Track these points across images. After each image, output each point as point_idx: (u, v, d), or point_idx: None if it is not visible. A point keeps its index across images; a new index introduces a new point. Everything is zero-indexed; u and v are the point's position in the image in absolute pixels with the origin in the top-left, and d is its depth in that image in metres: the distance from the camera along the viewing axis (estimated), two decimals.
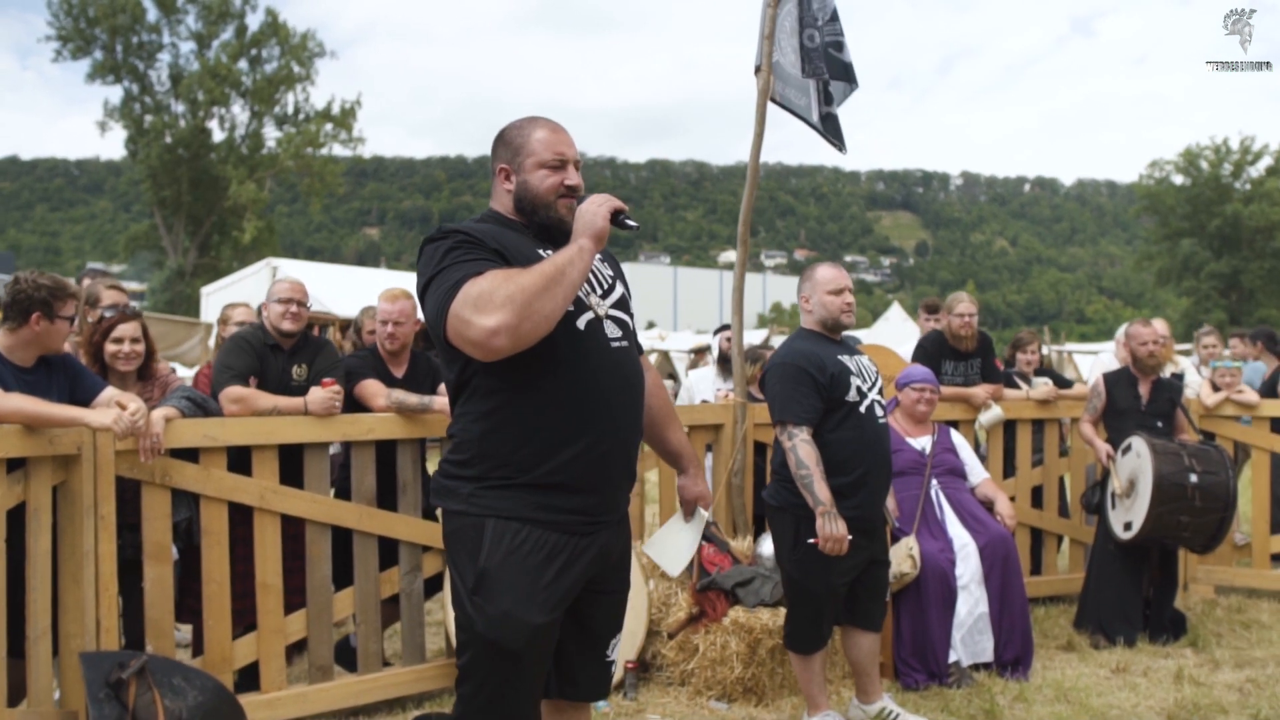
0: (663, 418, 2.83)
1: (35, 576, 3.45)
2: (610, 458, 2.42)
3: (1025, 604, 4.84)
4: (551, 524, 2.36)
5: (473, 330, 2.15)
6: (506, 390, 2.36)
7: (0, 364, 3.54)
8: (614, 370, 2.43)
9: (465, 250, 2.28)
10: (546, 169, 2.46)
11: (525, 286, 2.15)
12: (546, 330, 2.21)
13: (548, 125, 2.51)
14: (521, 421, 2.36)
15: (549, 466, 2.35)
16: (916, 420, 5.06)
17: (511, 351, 2.20)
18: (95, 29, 42.56)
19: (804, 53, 5.34)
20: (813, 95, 5.50)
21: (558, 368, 2.35)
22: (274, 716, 3.99)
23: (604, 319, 2.46)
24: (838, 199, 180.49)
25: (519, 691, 2.39)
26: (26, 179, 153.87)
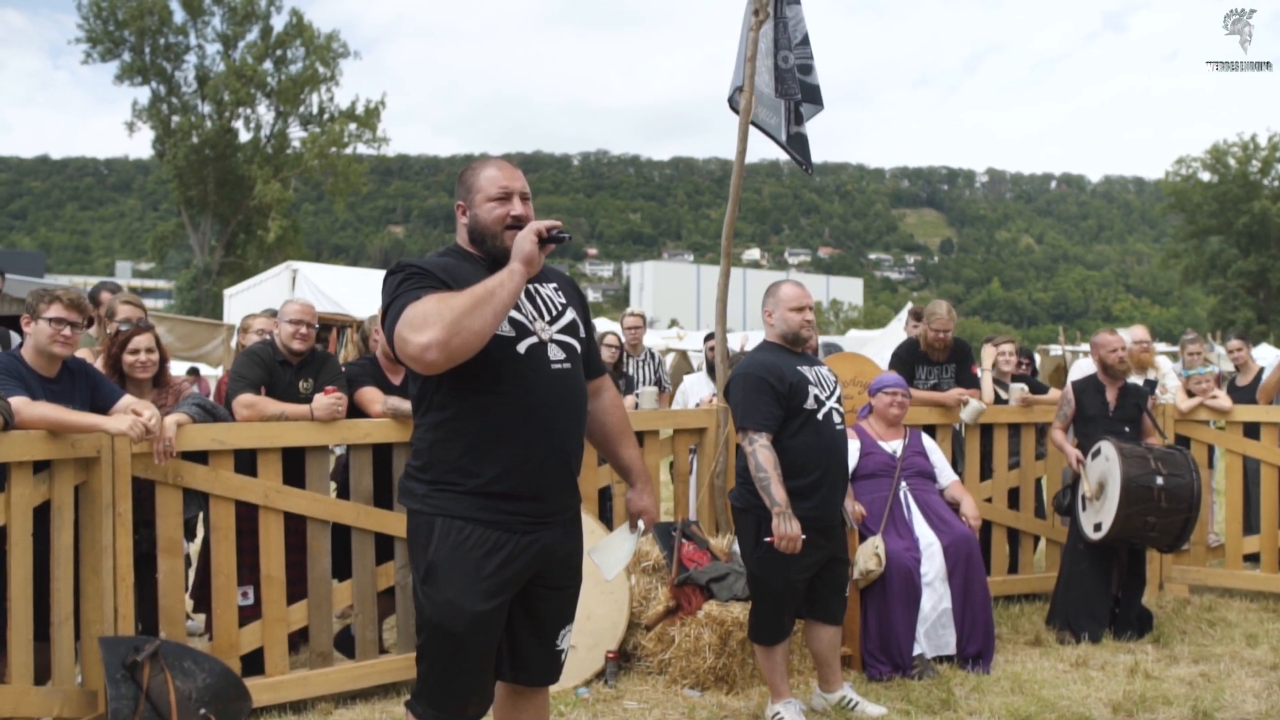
0: (616, 434, 3.07)
1: (58, 568, 3.79)
2: (546, 468, 2.69)
3: (988, 600, 5.10)
4: (493, 523, 2.64)
5: (410, 347, 2.44)
6: (454, 406, 2.66)
7: (28, 374, 3.89)
8: (552, 390, 2.70)
9: (415, 280, 2.58)
10: (494, 202, 2.74)
11: (455, 307, 2.43)
12: (477, 345, 2.46)
13: (496, 164, 2.81)
14: (465, 434, 2.65)
15: (490, 475, 2.63)
16: (889, 424, 5.33)
17: (446, 365, 2.47)
18: (124, 31, 43.17)
19: (777, 73, 5.62)
20: (783, 115, 5.78)
21: (498, 387, 2.63)
22: (277, 698, 4.32)
23: (548, 343, 2.73)
24: (862, 196, 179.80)
25: (464, 670, 2.68)
26: (57, 178, 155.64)
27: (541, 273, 2.88)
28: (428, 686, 2.72)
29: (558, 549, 2.78)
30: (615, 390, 3.13)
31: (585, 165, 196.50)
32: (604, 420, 3.05)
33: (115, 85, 44.87)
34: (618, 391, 3.17)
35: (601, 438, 3.08)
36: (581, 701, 4.55)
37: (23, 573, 3.64)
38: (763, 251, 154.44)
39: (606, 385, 3.08)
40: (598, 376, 3.03)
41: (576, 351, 2.82)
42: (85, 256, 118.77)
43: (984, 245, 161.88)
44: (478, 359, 2.56)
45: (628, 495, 3.12)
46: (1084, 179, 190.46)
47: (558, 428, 2.71)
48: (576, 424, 2.79)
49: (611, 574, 3.10)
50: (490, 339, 2.56)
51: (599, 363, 3.05)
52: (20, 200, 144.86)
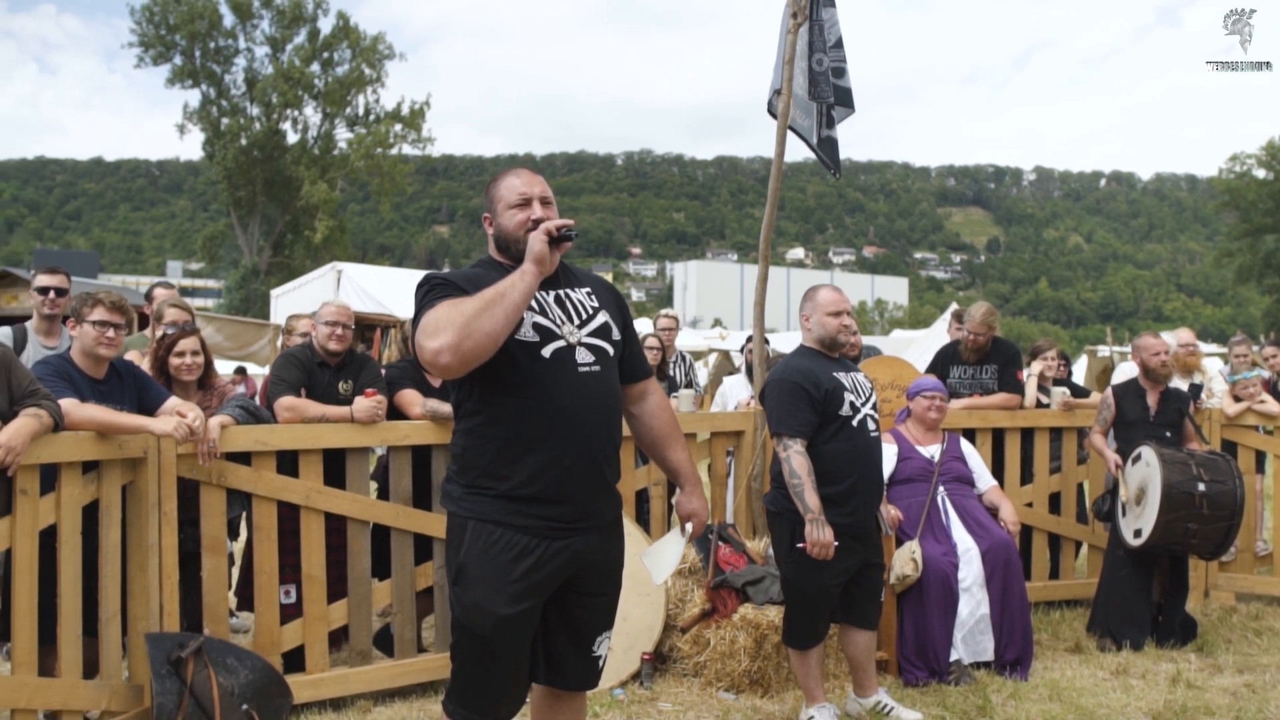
0: (664, 437, 3.08)
1: (106, 565, 3.89)
2: (575, 472, 2.71)
3: (1026, 606, 5.06)
4: (523, 527, 2.68)
5: (425, 352, 2.50)
6: (484, 411, 2.71)
7: (78, 376, 3.99)
8: (580, 393, 2.72)
9: (438, 292, 2.64)
10: (514, 209, 2.80)
11: (465, 310, 2.49)
12: (490, 346, 2.50)
13: (515, 173, 2.87)
14: (495, 438, 2.69)
15: (519, 478, 2.67)
16: (927, 428, 5.30)
17: (461, 369, 2.52)
18: (175, 35, 43.95)
19: (811, 76, 5.62)
20: (814, 117, 5.77)
21: (524, 392, 2.67)
22: (317, 695, 4.40)
23: (577, 346, 2.75)
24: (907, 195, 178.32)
25: (493, 672, 2.72)
26: (111, 179, 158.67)
27: (575, 277, 2.91)
28: (459, 687, 2.77)
29: (592, 555, 2.80)
30: (661, 393, 3.14)
31: (629, 165, 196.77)
32: (650, 424, 3.07)
33: (167, 88, 45.60)
34: (664, 394, 3.18)
35: (649, 441, 3.09)
36: (617, 703, 4.58)
37: (72, 570, 3.73)
38: (807, 251, 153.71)
39: (652, 388, 3.09)
40: (641, 379, 3.04)
41: (608, 355, 2.83)
42: (138, 256, 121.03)
43: (1031, 244, 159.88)
44: (503, 364, 2.61)
45: (677, 498, 3.13)
46: (1134, 176, 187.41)
47: (586, 431, 2.72)
48: (607, 427, 2.80)
49: (661, 578, 3.12)
50: (514, 344, 2.61)
51: (643, 365, 3.06)
52: (75, 201, 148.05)
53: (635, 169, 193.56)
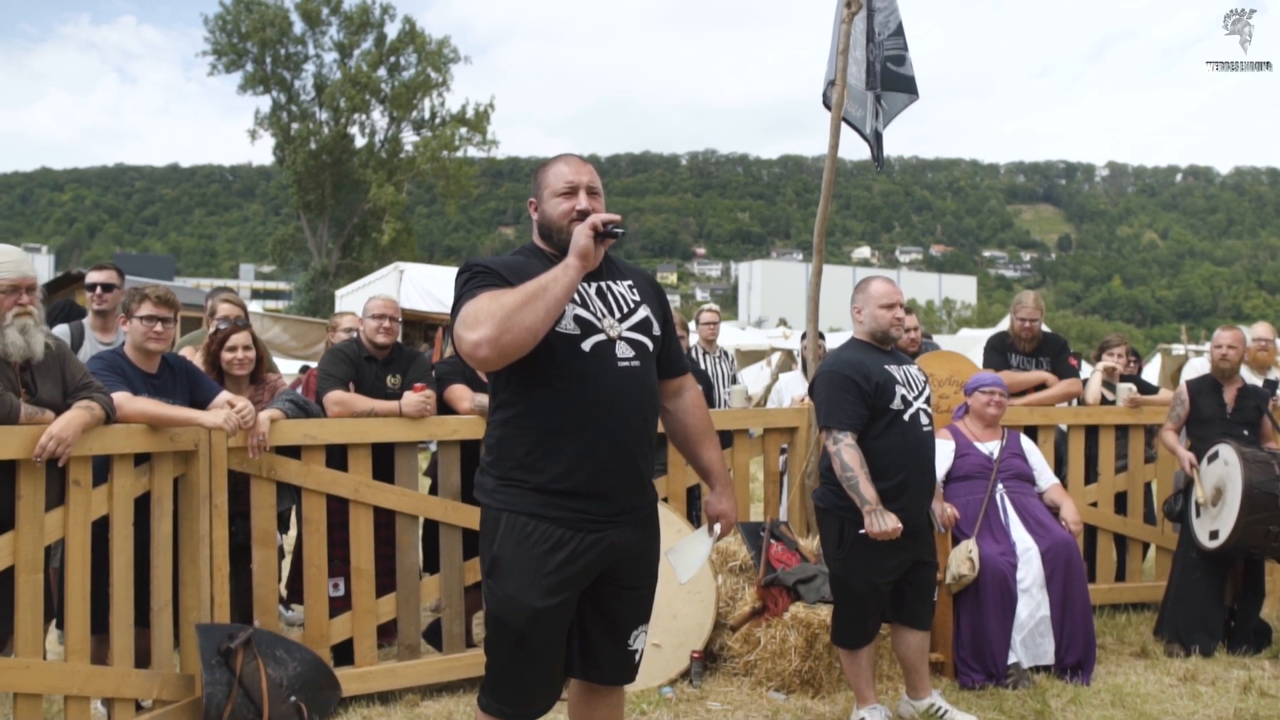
0: (697, 435, 3.02)
1: (158, 556, 3.94)
2: (610, 466, 2.66)
3: (1088, 608, 4.89)
4: (557, 520, 2.63)
5: (463, 344, 2.47)
6: (521, 403, 2.67)
7: (131, 370, 4.05)
8: (619, 387, 2.67)
9: (478, 280, 2.61)
10: (560, 197, 2.75)
11: (505, 304, 2.44)
12: (530, 340, 2.46)
13: (565, 160, 2.81)
14: (531, 431, 2.65)
15: (554, 473, 2.63)
16: (986, 424, 5.16)
17: (500, 362, 2.49)
18: (247, 43, 44.86)
19: (868, 66, 5.51)
20: (869, 108, 5.66)
21: (562, 384, 2.62)
22: (365, 688, 4.42)
23: (617, 340, 2.70)
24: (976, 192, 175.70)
25: (528, 666, 2.69)
26: (186, 185, 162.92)
27: (617, 270, 2.87)
28: (493, 680, 2.74)
29: (627, 548, 2.75)
30: (698, 390, 3.09)
31: (693, 164, 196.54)
32: (685, 420, 3.02)
33: (239, 95, 46.62)
34: (700, 391, 3.12)
35: (682, 438, 3.04)
36: (664, 701, 4.53)
37: (124, 560, 3.79)
38: (873, 249, 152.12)
39: (688, 384, 3.04)
40: (679, 375, 3.00)
41: (648, 349, 2.78)
42: (212, 260, 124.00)
43: (1104, 241, 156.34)
44: (542, 356, 2.57)
45: (706, 498, 3.08)
46: (1212, 171, 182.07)
47: (624, 426, 2.68)
48: (645, 422, 2.76)
49: (686, 576, 3.07)
50: (554, 336, 2.57)
51: (680, 361, 3.01)
52: (153, 207, 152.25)
53: (700, 169, 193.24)
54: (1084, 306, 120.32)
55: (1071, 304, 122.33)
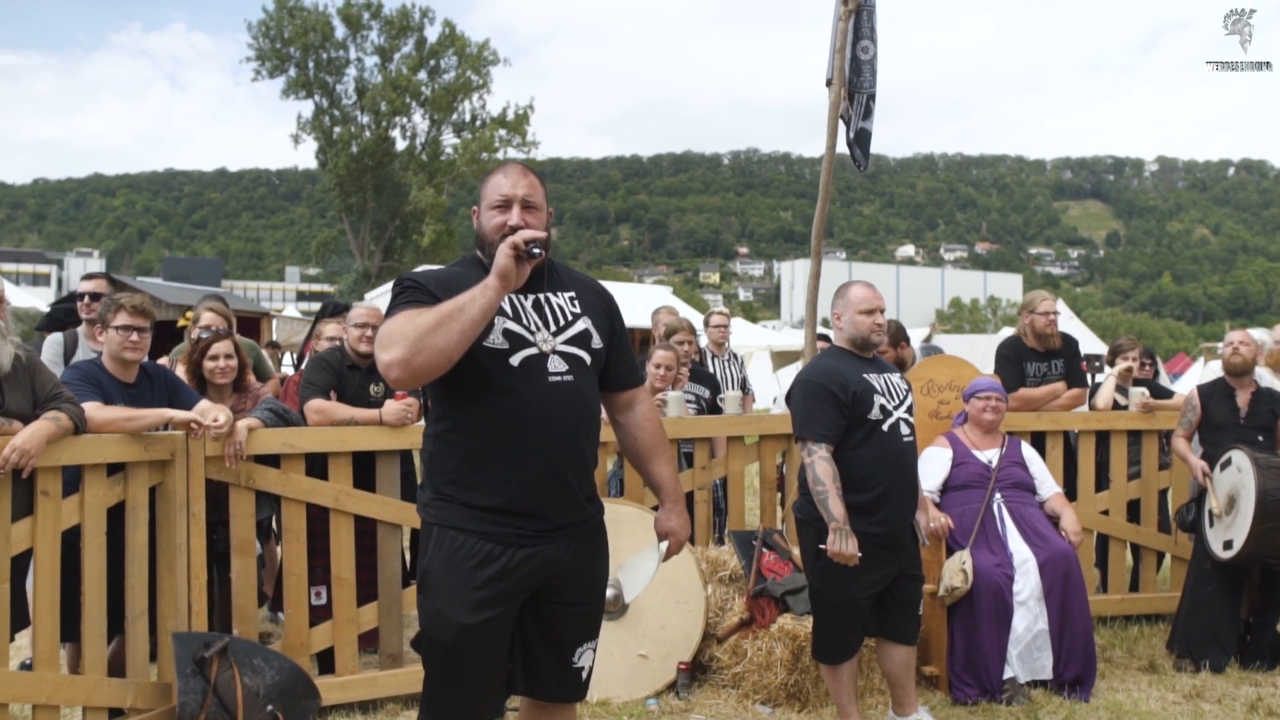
0: (647, 450, 2.95)
1: (133, 564, 3.95)
2: (541, 484, 2.60)
3: (1088, 622, 4.74)
4: (486, 534, 2.57)
5: (379, 364, 2.42)
6: (450, 418, 2.62)
7: (107, 380, 4.07)
8: (549, 402, 2.60)
9: (406, 295, 2.55)
10: (494, 210, 2.67)
11: (419, 324, 2.38)
12: (443, 362, 2.39)
13: (504, 170, 2.73)
14: (457, 446, 2.60)
15: (483, 489, 2.57)
16: (984, 430, 5.03)
17: (414, 383, 2.43)
18: (289, 48, 45.41)
19: (855, 64, 5.40)
20: (855, 107, 5.55)
21: (490, 399, 2.56)
22: (346, 697, 4.40)
23: (550, 354, 2.63)
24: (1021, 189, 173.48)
25: (460, 683, 2.63)
26: (234, 189, 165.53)
27: (560, 280, 2.79)
28: (428, 697, 2.70)
29: (565, 564, 2.68)
30: (650, 403, 3.00)
31: (735, 164, 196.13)
32: (636, 435, 2.95)
33: (282, 100, 47.16)
34: (653, 404, 3.05)
35: (633, 453, 2.98)
36: (647, 713, 4.46)
37: (96, 569, 3.80)
38: (917, 248, 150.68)
39: (639, 398, 2.96)
40: (629, 388, 2.92)
41: (584, 364, 2.70)
42: (259, 263, 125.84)
43: (1153, 237, 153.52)
44: (469, 371, 2.51)
45: (657, 515, 3.00)
46: (1266, 164, 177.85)
47: (555, 441, 2.61)
48: (578, 438, 2.67)
49: (632, 595, 3.03)
50: (481, 351, 2.51)
51: (632, 373, 2.93)
52: (201, 211, 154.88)
53: (742, 168, 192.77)
54: (1133, 304, 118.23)
55: (1120, 301, 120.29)
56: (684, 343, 6.61)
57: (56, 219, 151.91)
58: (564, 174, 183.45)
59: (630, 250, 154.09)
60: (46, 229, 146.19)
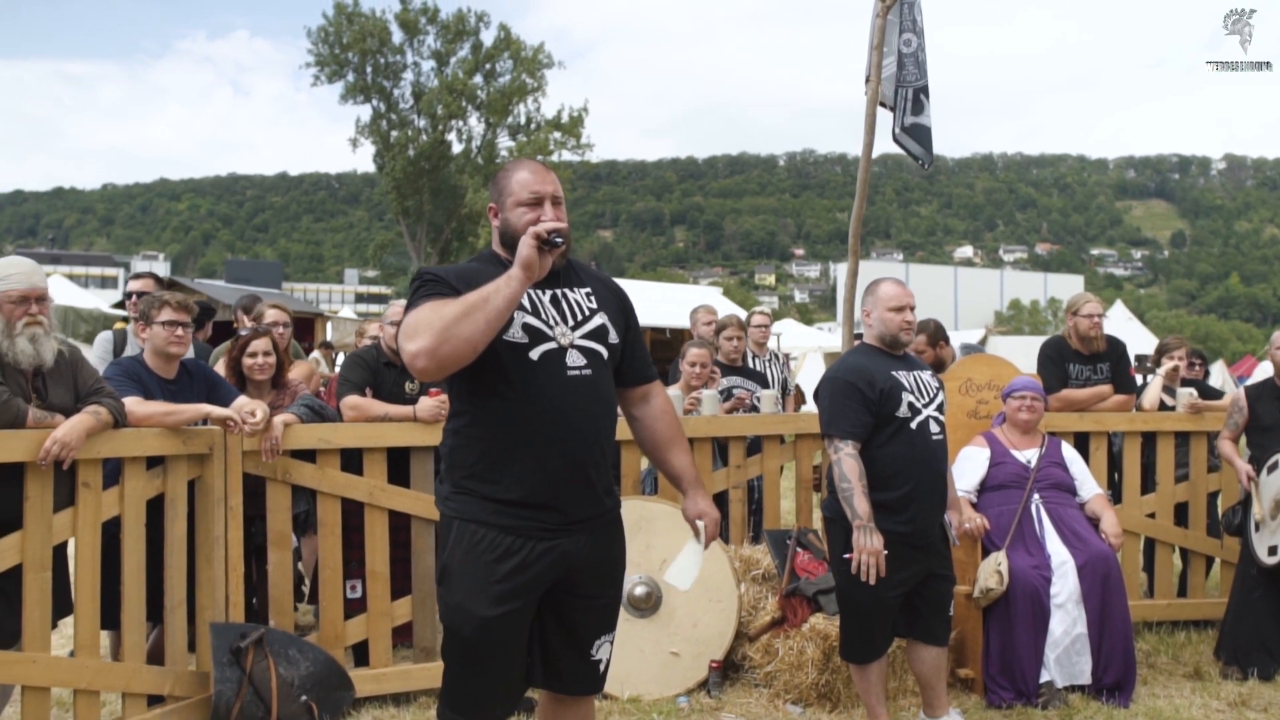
0: (665, 441, 2.97)
1: (171, 556, 4.04)
2: (560, 476, 2.63)
3: (1128, 626, 4.65)
4: (506, 528, 2.60)
5: (404, 354, 2.46)
6: (469, 413, 2.65)
7: (147, 376, 4.17)
8: (568, 397, 2.63)
9: (427, 288, 2.58)
10: (524, 207, 2.69)
11: (445, 315, 2.42)
12: (469, 352, 2.43)
13: (529, 167, 2.75)
14: (479, 441, 2.64)
15: (502, 482, 2.61)
16: (1022, 430, 4.96)
17: (439, 373, 2.46)
18: (348, 53, 46.07)
19: (899, 59, 5.36)
20: (904, 103, 5.49)
21: (510, 393, 2.59)
22: (379, 689, 4.46)
23: (568, 348, 2.66)
24: (1083, 189, 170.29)
25: (480, 676, 2.66)
26: (294, 192, 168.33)
27: (577, 276, 2.82)
28: (447, 689, 2.73)
29: (583, 557, 2.71)
30: (665, 396, 3.02)
31: (791, 165, 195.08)
32: (652, 427, 2.96)
33: (341, 104, 47.89)
34: (668, 398, 3.06)
35: (650, 444, 2.99)
36: (677, 710, 4.47)
37: (135, 560, 3.90)
38: (975, 249, 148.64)
39: (655, 391, 2.98)
40: (644, 382, 2.95)
41: (602, 358, 2.74)
42: (318, 265, 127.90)
43: (1220, 237, 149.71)
44: (490, 365, 2.55)
45: (683, 504, 3.01)
46: None
47: (574, 435, 2.65)
48: (596, 431, 2.71)
49: (688, 584, 2.99)
50: (501, 344, 2.55)
51: (646, 369, 2.96)
52: (263, 214, 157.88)
53: (798, 169, 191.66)
54: (1199, 305, 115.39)
55: (1186, 303, 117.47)
56: (733, 338, 6.61)
57: (124, 223, 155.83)
58: (619, 176, 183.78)
59: (685, 252, 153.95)
60: (114, 233, 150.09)
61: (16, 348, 3.54)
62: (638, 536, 4.82)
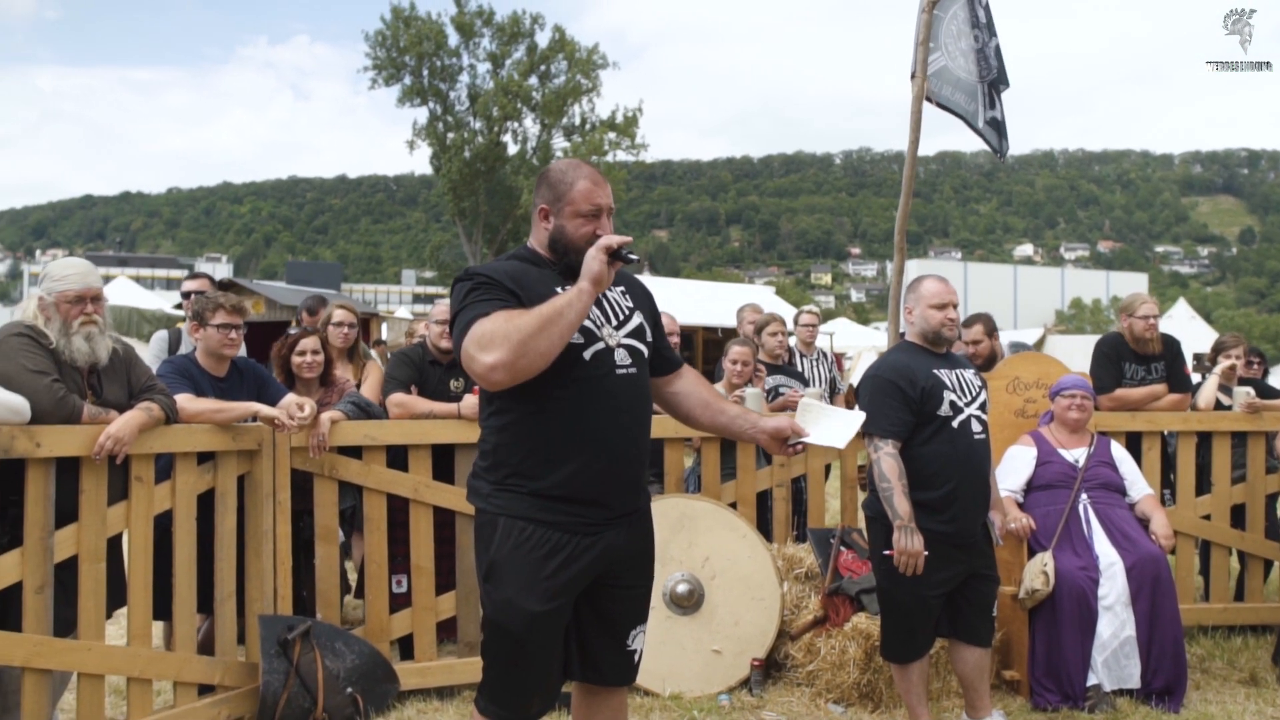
0: (711, 397, 3.01)
1: (221, 549, 4.14)
2: (608, 473, 2.67)
3: (1178, 629, 4.55)
4: (554, 524, 2.64)
5: (476, 365, 2.49)
6: (517, 410, 2.67)
7: (199, 374, 4.28)
8: (617, 394, 2.68)
9: (482, 291, 2.61)
10: (582, 218, 2.72)
11: (522, 327, 2.44)
12: (543, 365, 2.48)
13: (589, 176, 2.77)
14: (528, 437, 2.67)
15: (552, 479, 2.64)
16: (1071, 429, 4.89)
17: (511, 384, 2.50)
18: (404, 56, 46.64)
19: (976, 55, 5.34)
20: (980, 98, 5.46)
21: (561, 392, 2.63)
22: (424, 683, 4.53)
23: (615, 348, 2.71)
24: (1147, 185, 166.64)
25: (525, 669, 2.70)
26: (353, 195, 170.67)
27: None
28: (490, 683, 2.76)
29: (623, 549, 2.76)
30: (694, 372, 3.09)
31: (847, 163, 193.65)
32: (694, 392, 3.02)
33: (398, 107, 48.47)
34: (696, 372, 3.11)
35: (700, 407, 3.01)
36: (718, 708, 4.47)
37: (186, 552, 4.00)
38: (1035, 247, 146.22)
39: (684, 371, 3.05)
40: (676, 368, 3.02)
41: (643, 356, 2.81)
42: (377, 267, 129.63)
43: None
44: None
45: (761, 426, 2.94)
46: None
47: (621, 432, 2.70)
48: (641, 428, 2.79)
49: (843, 441, 2.95)
50: None
51: (674, 357, 3.04)
52: (322, 217, 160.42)
53: (854, 168, 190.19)
54: (1269, 304, 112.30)
55: (1255, 301, 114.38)
56: (777, 334, 6.58)
57: (189, 226, 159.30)
58: (674, 176, 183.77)
59: (741, 252, 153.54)
60: (179, 235, 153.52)
61: (73, 346, 3.65)
62: (680, 534, 4.86)
